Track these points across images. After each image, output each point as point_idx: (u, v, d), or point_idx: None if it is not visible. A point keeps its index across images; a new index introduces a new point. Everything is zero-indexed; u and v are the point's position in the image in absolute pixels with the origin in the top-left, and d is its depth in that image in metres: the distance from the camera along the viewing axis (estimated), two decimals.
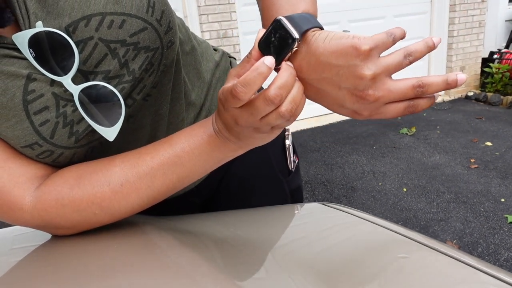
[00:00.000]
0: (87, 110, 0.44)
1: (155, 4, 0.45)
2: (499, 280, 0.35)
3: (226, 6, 3.33)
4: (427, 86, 0.37)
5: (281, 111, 0.38)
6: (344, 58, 0.37)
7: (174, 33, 0.49)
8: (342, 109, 0.41)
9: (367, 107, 0.39)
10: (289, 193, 0.77)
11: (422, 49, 0.37)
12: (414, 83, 0.37)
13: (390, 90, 0.37)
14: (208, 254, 0.44)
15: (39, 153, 0.45)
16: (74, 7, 0.42)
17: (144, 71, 0.47)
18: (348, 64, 0.37)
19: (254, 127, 0.41)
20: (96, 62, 0.44)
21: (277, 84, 0.37)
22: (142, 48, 0.45)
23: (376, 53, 0.37)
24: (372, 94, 0.37)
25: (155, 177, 0.47)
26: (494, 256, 1.85)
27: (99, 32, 0.43)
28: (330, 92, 0.40)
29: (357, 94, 0.38)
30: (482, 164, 2.77)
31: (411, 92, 0.38)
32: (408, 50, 0.37)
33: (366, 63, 0.36)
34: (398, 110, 0.39)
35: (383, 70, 0.37)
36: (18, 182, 0.45)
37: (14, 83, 0.42)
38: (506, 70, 4.21)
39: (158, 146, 0.48)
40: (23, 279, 0.40)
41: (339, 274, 0.39)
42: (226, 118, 0.42)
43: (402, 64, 0.37)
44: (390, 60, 0.37)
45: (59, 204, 0.46)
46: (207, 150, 0.46)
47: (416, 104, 0.39)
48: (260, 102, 0.37)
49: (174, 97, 0.57)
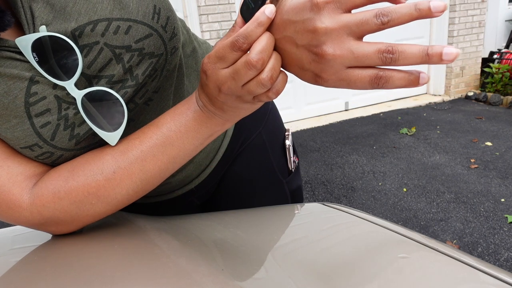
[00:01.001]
0: (89, 114, 0.44)
1: (160, 11, 0.46)
2: (499, 280, 0.35)
3: (226, 6, 3.33)
4: (398, 53, 0.32)
5: (262, 78, 0.37)
6: (301, 13, 0.34)
7: (178, 39, 0.50)
8: (303, 72, 0.38)
9: (325, 68, 0.35)
10: (289, 193, 0.77)
11: (406, 11, 0.31)
12: (381, 47, 0.32)
13: (351, 50, 0.33)
14: (208, 254, 0.44)
15: (39, 155, 0.46)
16: (81, 12, 0.42)
17: (148, 77, 0.48)
18: (303, 19, 0.34)
19: (237, 95, 0.40)
20: (101, 67, 0.44)
21: (257, 48, 0.36)
22: (147, 54, 0.46)
23: (334, 7, 0.33)
24: (327, 51, 0.34)
25: (145, 160, 0.47)
26: (494, 256, 1.85)
27: (105, 37, 0.43)
28: (290, 52, 0.37)
29: (312, 50, 0.35)
30: (482, 164, 2.77)
31: (377, 57, 0.32)
32: (385, 9, 0.31)
33: (320, 16, 0.33)
34: (362, 77, 0.34)
35: (341, 26, 0.33)
36: (16, 181, 0.45)
37: (17, 85, 0.42)
38: (506, 70, 4.22)
39: (146, 129, 0.48)
40: (23, 279, 0.40)
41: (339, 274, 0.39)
42: (209, 88, 0.41)
43: (370, 23, 0.32)
44: (353, 17, 0.32)
45: (56, 197, 0.46)
46: (194, 127, 0.46)
47: (386, 75, 0.33)
48: (242, 66, 0.36)
49: (176, 101, 0.57)
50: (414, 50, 0.31)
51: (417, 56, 0.31)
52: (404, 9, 0.31)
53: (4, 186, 0.45)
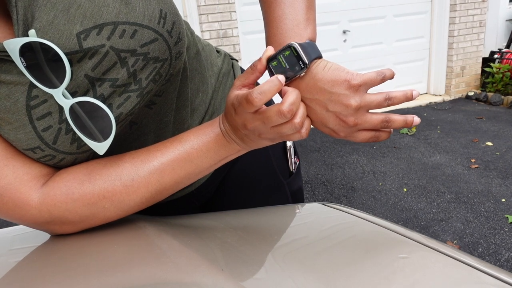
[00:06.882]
0: (80, 122, 0.44)
1: (166, 15, 0.46)
2: (499, 280, 0.35)
3: (226, 6, 3.33)
4: (392, 122, 0.47)
5: (295, 122, 0.45)
6: (338, 87, 0.44)
7: (183, 44, 0.50)
8: (324, 127, 0.49)
9: (344, 130, 0.47)
10: (290, 194, 0.77)
11: (401, 98, 0.46)
12: (383, 118, 0.47)
13: (366, 120, 0.46)
14: (208, 254, 0.44)
15: (41, 157, 0.46)
16: (86, 15, 0.42)
17: (152, 82, 0.48)
18: (339, 93, 0.45)
19: (261, 132, 0.46)
20: (105, 70, 0.44)
21: (289, 101, 0.43)
22: (152, 58, 0.46)
23: (364, 89, 0.45)
24: (352, 120, 0.46)
25: (164, 172, 0.49)
26: (494, 257, 1.85)
27: (111, 41, 0.43)
28: (318, 111, 0.47)
29: (341, 118, 0.46)
30: (482, 164, 2.77)
31: (380, 125, 0.47)
32: (389, 95, 0.46)
33: (354, 95, 0.44)
34: (366, 136, 0.48)
35: (365, 105, 0.45)
36: (23, 180, 0.46)
37: (18, 88, 0.41)
38: (507, 70, 4.21)
39: (168, 144, 0.50)
40: (23, 279, 0.40)
41: (339, 274, 0.39)
42: (235, 121, 0.46)
43: (382, 105, 0.46)
44: (373, 98, 0.45)
45: (69, 198, 0.47)
46: (214, 148, 0.50)
47: (378, 135, 0.49)
48: (274, 114, 0.43)
49: (180, 105, 0.57)
50: (399, 119, 0.47)
51: (401, 123, 0.47)
52: (399, 95, 0.46)
53: (11, 185, 0.45)
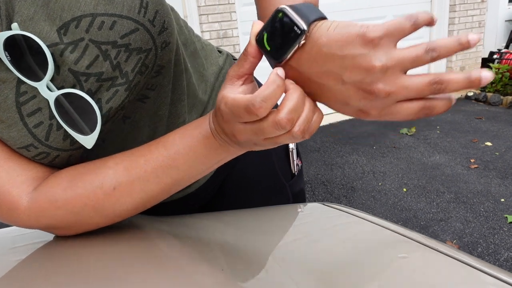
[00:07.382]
0: (67, 115, 0.43)
1: (148, 4, 0.44)
2: (499, 280, 0.35)
3: (226, 6, 3.33)
4: (446, 82, 0.32)
5: (294, 132, 0.35)
6: (350, 47, 0.32)
7: (169, 34, 0.47)
8: (347, 108, 0.35)
9: (375, 105, 0.33)
10: (292, 196, 0.77)
11: (452, 46, 0.31)
12: (431, 79, 0.32)
13: (404, 85, 0.32)
14: (208, 254, 0.44)
15: (35, 155, 0.45)
16: (64, 8, 0.41)
17: (139, 74, 0.46)
18: (354, 54, 0.32)
19: (255, 143, 0.39)
20: (88, 64, 0.43)
21: (288, 107, 0.34)
22: (134, 49, 0.44)
23: (389, 42, 0.31)
24: (382, 88, 0.32)
25: (148, 181, 0.46)
26: (494, 256, 1.85)
27: (90, 34, 0.42)
28: (332, 88, 0.34)
29: (364, 88, 0.33)
30: (482, 164, 2.77)
31: (427, 89, 0.32)
32: (433, 44, 0.31)
33: (376, 52, 0.31)
34: (412, 110, 0.33)
35: (397, 63, 0.31)
36: (16, 182, 0.45)
37: (6, 85, 0.41)
38: (506, 70, 4.21)
39: (153, 148, 0.46)
40: (23, 279, 0.40)
41: (339, 274, 0.39)
42: (224, 128, 0.40)
43: (422, 60, 0.31)
44: (407, 53, 0.31)
45: (53, 206, 0.45)
46: (204, 153, 0.44)
47: (432, 105, 0.33)
48: (269, 125, 0.34)
49: (175, 99, 0.56)
50: (459, 78, 0.32)
51: (461, 82, 0.32)
52: (449, 43, 0.31)
53: (3, 187, 0.44)
